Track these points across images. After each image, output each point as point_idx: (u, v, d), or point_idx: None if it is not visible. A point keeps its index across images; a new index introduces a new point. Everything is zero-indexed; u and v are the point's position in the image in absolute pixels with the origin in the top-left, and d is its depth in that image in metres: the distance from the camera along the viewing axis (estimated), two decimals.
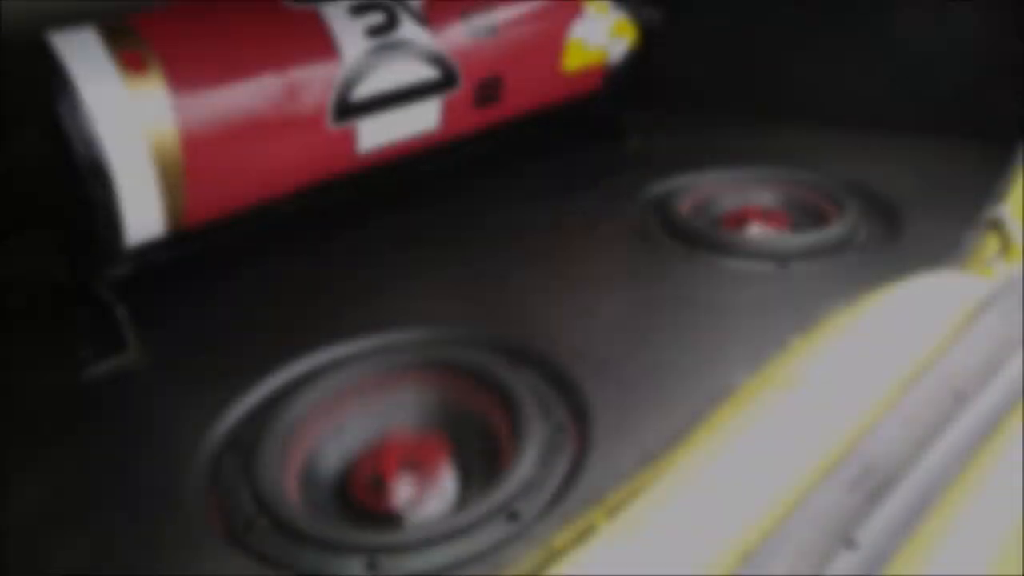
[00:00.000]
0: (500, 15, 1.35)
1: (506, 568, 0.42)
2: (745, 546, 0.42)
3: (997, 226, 0.75)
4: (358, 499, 0.89)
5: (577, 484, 0.83)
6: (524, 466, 0.84)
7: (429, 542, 0.76)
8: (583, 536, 0.43)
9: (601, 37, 1.50)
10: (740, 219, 1.39)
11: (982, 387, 0.54)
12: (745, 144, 1.67)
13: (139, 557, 0.78)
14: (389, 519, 0.85)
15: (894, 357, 0.55)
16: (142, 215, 1.03)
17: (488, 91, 1.36)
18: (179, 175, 1.03)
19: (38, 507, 0.86)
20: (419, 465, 0.91)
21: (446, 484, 0.90)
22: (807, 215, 1.40)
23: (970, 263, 0.77)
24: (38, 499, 0.87)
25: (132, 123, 0.98)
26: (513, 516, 0.80)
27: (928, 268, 1.17)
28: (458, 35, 1.29)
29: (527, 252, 1.30)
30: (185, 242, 1.16)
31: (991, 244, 0.77)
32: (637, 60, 1.63)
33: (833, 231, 1.27)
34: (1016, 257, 0.74)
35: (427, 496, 0.88)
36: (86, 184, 0.96)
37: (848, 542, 0.41)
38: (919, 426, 0.50)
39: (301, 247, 1.37)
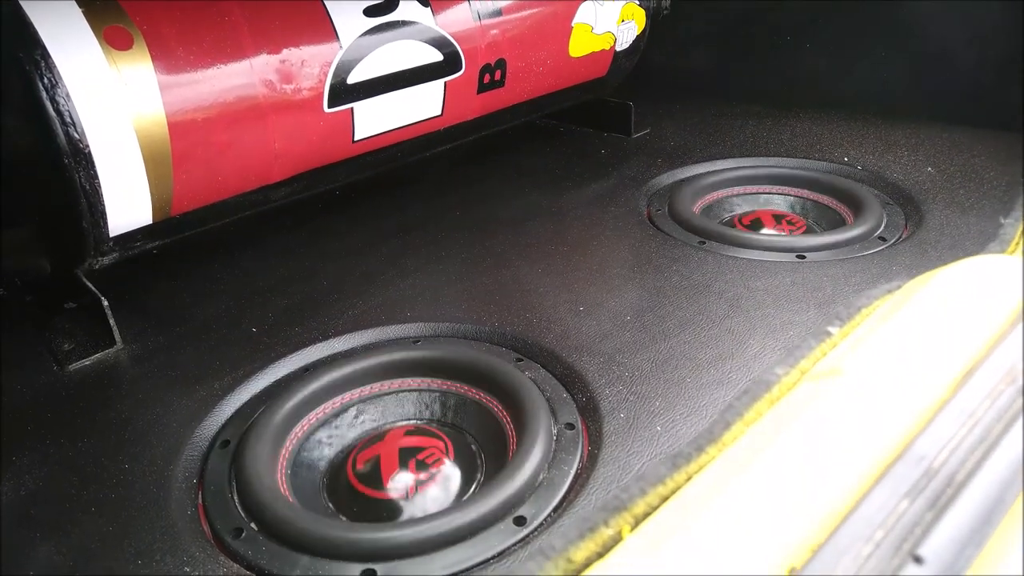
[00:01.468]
0: None
1: None
2: (792, 560, 0.36)
3: None
4: (355, 499, 0.84)
5: (588, 485, 0.78)
6: (531, 466, 0.79)
7: (428, 548, 0.71)
8: (607, 548, 0.38)
9: (609, 22, 1.44)
10: (754, 221, 1.34)
11: None
12: (757, 135, 1.62)
13: (122, 562, 0.72)
14: (388, 519, 0.80)
15: (946, 346, 0.50)
16: (127, 203, 0.97)
17: (492, 76, 1.30)
18: (166, 161, 0.98)
19: (18, 509, 0.81)
20: (420, 459, 0.85)
21: (448, 480, 0.85)
22: (824, 215, 1.34)
23: (1011, 250, 0.72)
24: (18, 500, 0.82)
25: (116, 104, 0.93)
26: (520, 520, 0.75)
27: (951, 258, 1.12)
28: (461, 17, 1.24)
29: (531, 243, 1.25)
30: (173, 231, 1.11)
31: None
32: (646, 47, 1.58)
33: (852, 230, 1.21)
34: None
35: (428, 490, 0.83)
36: (67, 169, 0.90)
37: (914, 557, 0.36)
38: (980, 424, 0.44)
39: (297, 238, 1.32)
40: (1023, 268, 0.56)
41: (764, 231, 1.30)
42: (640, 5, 1.49)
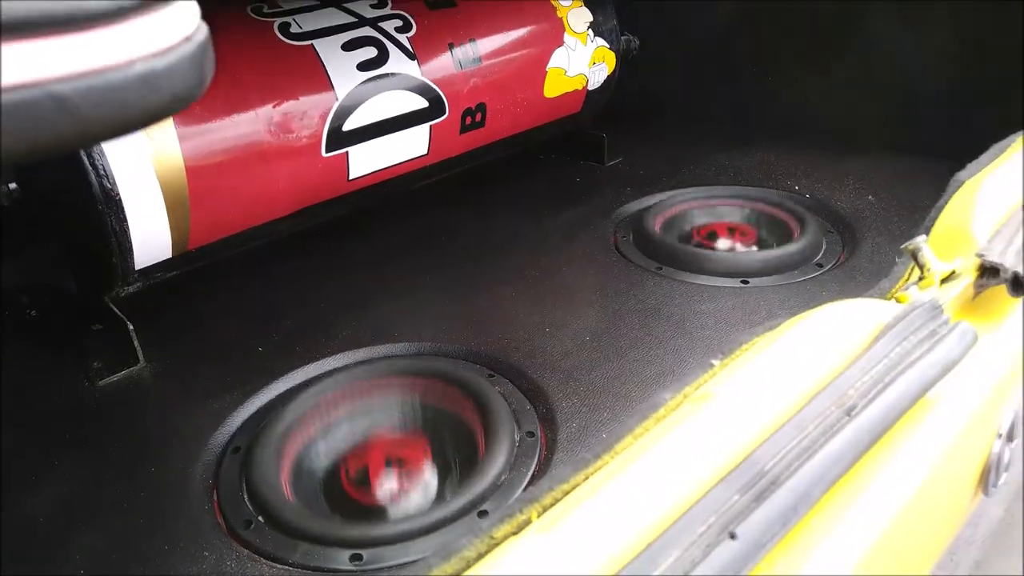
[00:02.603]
0: (484, 47, 1.44)
1: (455, 555, 0.51)
2: (649, 537, 0.51)
3: (915, 255, 0.84)
4: (347, 493, 0.98)
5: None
6: (495, 468, 0.94)
7: (406, 537, 0.86)
8: (520, 528, 0.53)
9: (581, 65, 1.59)
10: (710, 233, 1.49)
11: (869, 403, 0.63)
12: (719, 163, 1.76)
13: (152, 549, 0.87)
14: (375, 511, 0.95)
15: (800, 377, 0.64)
16: (151, 241, 1.12)
17: (473, 118, 1.45)
18: (184, 203, 1.13)
19: (59, 504, 0.96)
20: (402, 463, 1.00)
21: (427, 481, 1.00)
22: (772, 233, 1.49)
23: (895, 289, 0.86)
24: (59, 497, 0.97)
25: (141, 154, 1.08)
26: (483, 514, 0.90)
27: (876, 284, 1.27)
28: (445, 66, 1.38)
29: (508, 268, 1.40)
30: (190, 262, 1.26)
31: (915, 272, 0.86)
32: (616, 84, 1.72)
33: (792, 250, 1.36)
34: (930, 284, 0.83)
35: (410, 491, 0.98)
36: (100, 214, 1.05)
37: (730, 534, 0.50)
38: (807, 437, 0.59)
39: (298, 265, 1.46)
40: (876, 311, 0.70)
41: (720, 241, 1.45)
42: (610, 49, 1.64)
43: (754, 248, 1.46)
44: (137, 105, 0.37)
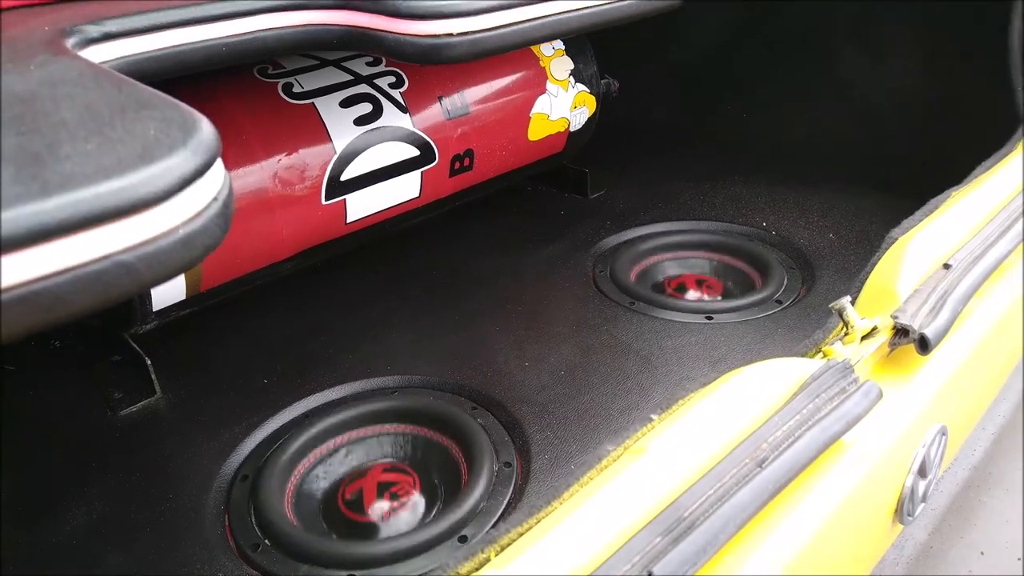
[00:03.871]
0: (471, 96, 1.56)
1: None
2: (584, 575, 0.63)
3: (840, 313, 0.96)
4: (344, 514, 1.10)
5: (516, 513, 1.05)
6: (475, 496, 1.06)
7: (395, 559, 0.98)
8: (481, 565, 0.65)
9: (563, 109, 1.71)
10: (678, 284, 1.61)
11: (779, 455, 0.75)
12: (694, 198, 1.87)
13: (172, 568, 0.99)
14: (369, 529, 1.07)
15: (723, 432, 0.76)
16: (166, 286, 1.24)
17: (462, 162, 1.57)
18: None
19: (84, 527, 1.08)
20: (392, 491, 1.12)
21: (416, 506, 1.12)
22: (736, 279, 1.60)
23: (825, 342, 0.97)
24: (84, 520, 1.09)
25: None
26: (463, 539, 1.02)
27: (826, 320, 1.39)
28: (435, 117, 1.50)
29: (492, 303, 1.51)
30: (201, 301, 1.38)
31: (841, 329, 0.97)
32: (598, 125, 1.84)
33: (755, 294, 1.47)
34: (852, 340, 0.94)
35: (399, 514, 1.10)
36: None
37: (649, 574, 0.62)
38: (723, 486, 0.71)
39: (299, 302, 1.57)
40: (800, 369, 0.82)
41: (688, 293, 1.57)
42: (591, 93, 1.76)
43: (721, 294, 1.58)
44: (178, 261, 0.49)
